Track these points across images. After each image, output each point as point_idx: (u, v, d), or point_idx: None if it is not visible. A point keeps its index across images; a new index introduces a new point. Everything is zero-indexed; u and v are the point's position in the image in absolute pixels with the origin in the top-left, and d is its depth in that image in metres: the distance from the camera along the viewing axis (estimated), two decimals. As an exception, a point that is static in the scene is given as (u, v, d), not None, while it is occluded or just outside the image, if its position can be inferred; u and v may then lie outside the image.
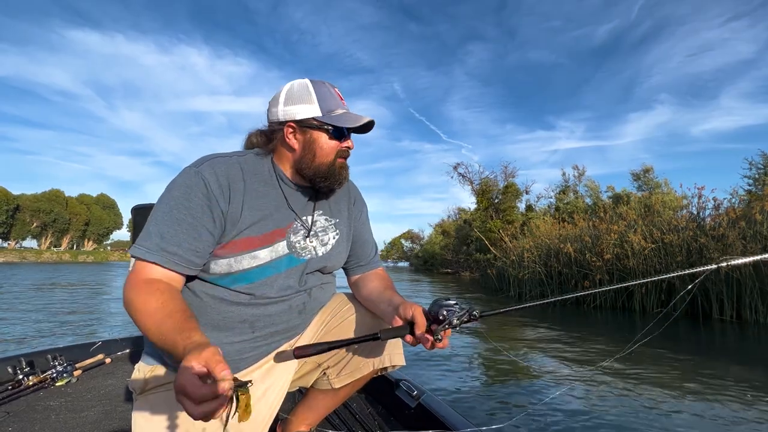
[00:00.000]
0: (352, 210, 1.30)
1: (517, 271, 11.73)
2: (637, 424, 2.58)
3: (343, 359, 1.21)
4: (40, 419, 1.69)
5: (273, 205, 1.09)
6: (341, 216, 1.26)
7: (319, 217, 1.19)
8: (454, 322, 0.90)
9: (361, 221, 1.34)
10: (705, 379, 3.48)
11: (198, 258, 0.98)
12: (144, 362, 1.07)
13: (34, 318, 7.06)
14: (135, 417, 1.00)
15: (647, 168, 17.83)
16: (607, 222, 9.76)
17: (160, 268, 0.93)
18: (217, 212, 0.99)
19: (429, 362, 4.02)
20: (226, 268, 1.01)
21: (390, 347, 1.20)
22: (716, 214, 7.65)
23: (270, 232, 1.07)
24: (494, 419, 2.68)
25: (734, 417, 2.69)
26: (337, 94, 1.11)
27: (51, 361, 2.13)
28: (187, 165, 1.03)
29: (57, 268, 31.74)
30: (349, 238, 1.28)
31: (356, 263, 1.33)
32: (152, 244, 0.93)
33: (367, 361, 1.19)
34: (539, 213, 20.47)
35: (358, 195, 1.36)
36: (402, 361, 1.22)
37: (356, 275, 1.34)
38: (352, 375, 1.20)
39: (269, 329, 1.09)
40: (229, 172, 1.03)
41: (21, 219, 64.31)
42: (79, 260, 61.33)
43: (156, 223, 0.95)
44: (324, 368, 1.24)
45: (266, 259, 1.05)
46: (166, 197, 0.98)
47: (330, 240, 1.20)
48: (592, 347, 4.80)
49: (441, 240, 30.82)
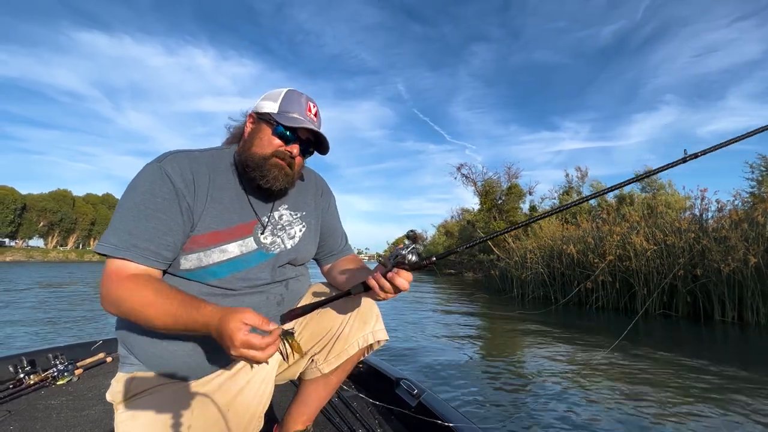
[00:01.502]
0: (319, 201, 1.33)
1: (520, 272, 11.70)
2: (637, 425, 2.58)
3: (328, 343, 1.23)
4: (41, 418, 1.70)
5: (235, 198, 1.10)
6: (308, 208, 1.28)
7: (284, 211, 1.20)
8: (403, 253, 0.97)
9: (330, 212, 1.37)
10: (706, 380, 3.47)
11: (169, 252, 0.98)
12: (122, 371, 1.05)
13: (37, 316, 7.12)
14: (118, 425, 0.98)
15: (650, 170, 17.78)
16: (610, 223, 9.73)
17: (133, 263, 0.93)
18: (185, 206, 1.00)
19: (429, 362, 4.04)
20: (196, 263, 1.01)
21: (371, 324, 1.24)
22: (719, 216, 7.61)
23: (235, 227, 1.08)
24: (494, 418, 2.69)
25: (734, 418, 2.68)
26: (307, 104, 1.13)
27: (52, 360, 2.14)
28: (149, 161, 1.03)
29: (64, 267, 31.95)
30: (317, 229, 1.31)
31: (328, 253, 1.38)
32: (120, 240, 0.93)
33: (352, 341, 1.22)
34: (543, 214, 20.37)
35: (325, 187, 1.39)
36: (385, 335, 1.26)
37: (329, 264, 1.38)
38: (339, 357, 1.23)
39: None
40: (192, 166, 1.04)
41: (28, 218, 64.83)
42: (85, 259, 61.83)
43: (122, 219, 0.94)
44: (311, 355, 1.25)
45: (236, 253, 1.06)
46: (131, 193, 0.97)
47: (297, 233, 1.22)
48: (594, 347, 4.79)
49: (444, 240, 30.77)
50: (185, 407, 0.98)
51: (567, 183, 22.53)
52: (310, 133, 1.13)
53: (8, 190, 61.28)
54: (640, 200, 13.63)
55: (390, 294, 0.99)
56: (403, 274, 0.97)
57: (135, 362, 1.03)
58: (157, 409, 0.96)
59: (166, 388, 1.01)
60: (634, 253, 8.11)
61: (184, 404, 0.98)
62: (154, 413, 0.96)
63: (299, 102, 1.12)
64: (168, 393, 1.00)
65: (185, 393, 1.00)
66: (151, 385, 1.01)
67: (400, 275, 0.97)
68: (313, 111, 1.15)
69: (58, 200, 68.33)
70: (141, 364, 1.03)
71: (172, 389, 1.01)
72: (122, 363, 1.06)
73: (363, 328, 1.23)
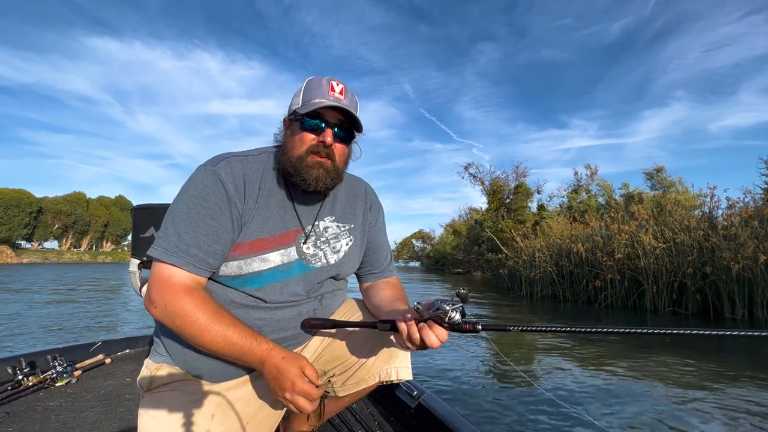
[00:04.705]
0: (367, 215, 1.24)
1: (529, 270, 11.65)
2: (641, 424, 2.55)
3: (349, 369, 1.16)
4: (39, 420, 1.70)
5: (281, 204, 1.06)
6: (355, 221, 1.20)
7: (330, 223, 1.14)
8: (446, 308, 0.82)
9: (377, 228, 1.28)
10: (716, 377, 3.41)
11: (215, 260, 0.95)
12: (152, 359, 1.05)
13: (41, 316, 7.25)
14: (141, 414, 0.97)
15: (659, 167, 17.64)
16: (618, 222, 9.62)
17: (183, 271, 0.91)
18: (235, 213, 0.97)
19: (430, 363, 4.03)
20: (236, 270, 0.98)
21: (397, 360, 1.15)
22: (729, 213, 7.49)
23: (279, 235, 1.03)
24: (494, 419, 2.67)
25: (744, 414, 2.64)
26: (329, 85, 1.01)
27: (51, 362, 2.14)
28: (201, 164, 0.99)
29: (78, 268, 32.50)
30: (362, 244, 1.22)
31: (369, 270, 1.28)
32: (170, 244, 0.91)
33: (373, 373, 1.14)
34: (553, 213, 20.26)
35: (375, 200, 1.30)
36: (408, 375, 1.16)
37: (368, 282, 1.29)
38: (357, 385, 1.16)
39: (277, 335, 1.05)
40: (245, 171, 1.00)
41: (43, 221, 65.98)
42: (98, 260, 62.85)
43: (174, 224, 0.92)
44: (330, 376, 1.19)
45: (276, 262, 1.02)
46: (183, 197, 0.95)
47: (342, 247, 1.15)
48: (598, 348, 4.74)
49: (452, 240, 30.69)
50: (207, 412, 0.97)
51: (576, 181, 22.34)
52: (340, 113, 1.02)
53: (24, 194, 62.48)
54: (649, 198, 13.45)
55: (415, 347, 0.88)
56: (437, 331, 0.84)
57: (164, 353, 1.03)
58: (179, 408, 0.95)
59: (189, 386, 1.00)
60: (642, 251, 8.01)
61: (206, 408, 0.97)
62: (175, 411, 0.95)
63: (320, 85, 1.02)
64: (191, 393, 0.99)
65: (208, 396, 1.00)
66: (174, 380, 1.01)
67: (433, 330, 0.84)
68: (338, 89, 1.02)
69: (73, 203, 69.41)
70: (168, 356, 1.03)
71: (194, 389, 1.00)
72: (153, 350, 1.07)
73: (388, 361, 1.14)
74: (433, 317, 0.84)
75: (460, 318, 0.83)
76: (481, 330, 0.84)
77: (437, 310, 0.83)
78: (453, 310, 0.82)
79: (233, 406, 1.00)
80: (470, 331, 0.84)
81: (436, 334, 0.84)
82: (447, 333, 0.85)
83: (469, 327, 0.83)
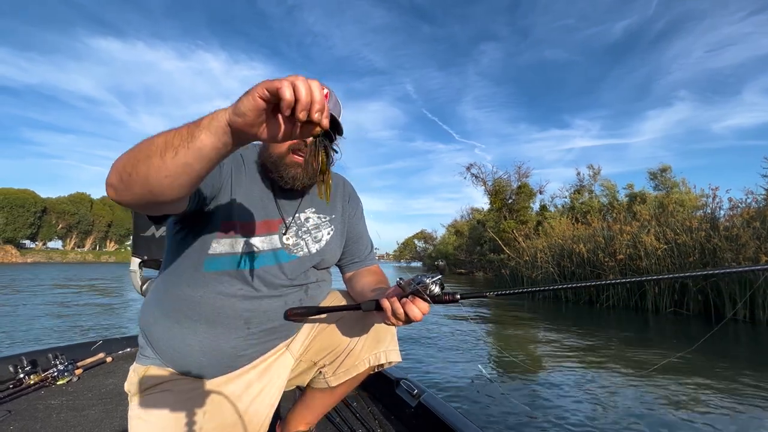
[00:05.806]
0: (346, 207, 1.31)
1: (531, 271, 11.63)
2: (641, 425, 2.54)
3: (338, 357, 1.20)
4: (41, 418, 1.71)
5: (263, 196, 1.11)
6: (335, 212, 1.26)
7: (311, 214, 1.19)
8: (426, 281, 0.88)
9: (356, 218, 1.34)
10: (718, 379, 3.40)
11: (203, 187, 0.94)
12: (139, 363, 1.06)
13: (42, 315, 7.29)
14: (131, 418, 0.98)
15: (664, 167, 17.46)
16: (620, 222, 9.60)
17: None
18: (226, 168, 1.04)
19: (430, 362, 4.03)
20: (228, 248, 1.02)
21: (385, 344, 1.20)
22: (731, 214, 7.47)
23: (262, 222, 1.08)
24: (495, 419, 2.67)
25: (744, 416, 2.63)
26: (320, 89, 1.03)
27: (52, 360, 2.16)
28: None
29: (82, 267, 32.64)
30: (343, 234, 1.28)
31: (351, 260, 1.34)
32: None
33: (363, 359, 1.18)
34: (555, 213, 20.21)
35: (353, 192, 1.37)
36: (398, 357, 1.21)
37: (351, 272, 1.34)
38: (348, 373, 1.20)
39: (264, 326, 1.07)
40: (242, 152, 1.08)
41: (47, 221, 66.35)
42: (102, 260, 63.20)
43: None
44: (320, 366, 1.23)
45: (261, 248, 1.06)
46: None
47: (324, 237, 1.20)
48: (599, 348, 4.73)
49: (454, 240, 30.70)
50: (198, 409, 0.98)
51: (578, 181, 22.28)
52: None
53: (29, 194, 62.88)
54: (652, 199, 13.40)
55: (401, 322, 0.92)
56: (419, 304, 0.89)
57: (151, 355, 1.04)
58: (170, 408, 0.96)
59: (180, 385, 1.01)
60: (644, 252, 8.00)
61: (198, 405, 0.98)
62: (166, 411, 0.96)
63: None
64: (181, 392, 1.00)
65: (199, 393, 1.01)
66: (164, 380, 1.01)
67: (416, 304, 0.89)
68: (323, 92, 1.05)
69: (77, 203, 69.80)
70: (156, 358, 1.04)
71: (185, 387, 1.01)
72: (140, 354, 1.07)
73: (376, 346, 1.19)
74: (414, 291, 0.89)
75: (439, 290, 0.89)
76: (460, 299, 0.90)
77: (418, 284, 0.89)
78: (433, 283, 0.88)
79: (225, 401, 1.02)
80: (450, 302, 0.90)
81: (418, 307, 0.89)
82: (429, 305, 0.90)
83: (448, 298, 0.90)
